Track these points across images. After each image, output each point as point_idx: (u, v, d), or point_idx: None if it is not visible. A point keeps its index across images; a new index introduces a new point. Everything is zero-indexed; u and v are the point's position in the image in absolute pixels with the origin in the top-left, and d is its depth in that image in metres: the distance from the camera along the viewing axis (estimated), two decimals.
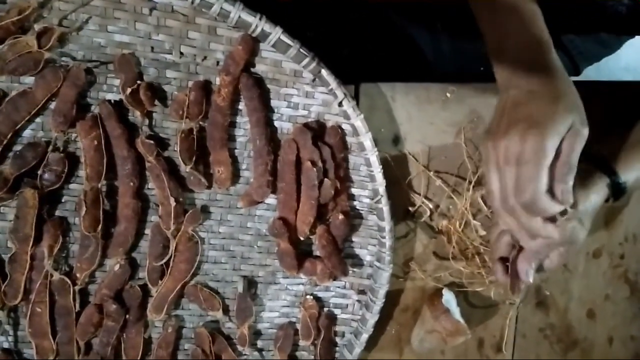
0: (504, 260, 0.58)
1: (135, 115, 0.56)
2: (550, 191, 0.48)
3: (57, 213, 0.58)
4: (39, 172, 0.55)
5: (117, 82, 0.55)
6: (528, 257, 0.55)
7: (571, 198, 0.49)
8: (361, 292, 0.67)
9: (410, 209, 0.66)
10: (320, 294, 0.66)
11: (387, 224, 0.61)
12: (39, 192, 0.55)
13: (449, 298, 0.67)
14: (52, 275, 0.58)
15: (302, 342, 0.66)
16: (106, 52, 0.54)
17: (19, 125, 0.54)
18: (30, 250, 0.56)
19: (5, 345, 0.60)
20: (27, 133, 0.55)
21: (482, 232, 0.66)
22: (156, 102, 0.56)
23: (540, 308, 0.74)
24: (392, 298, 0.68)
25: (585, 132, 0.48)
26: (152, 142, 0.56)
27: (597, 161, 0.57)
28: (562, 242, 0.52)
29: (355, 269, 0.66)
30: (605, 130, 0.69)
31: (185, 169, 0.57)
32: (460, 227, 0.66)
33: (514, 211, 0.50)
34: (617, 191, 0.57)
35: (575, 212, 0.52)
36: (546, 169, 0.47)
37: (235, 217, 0.62)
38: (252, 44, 0.55)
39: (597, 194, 0.56)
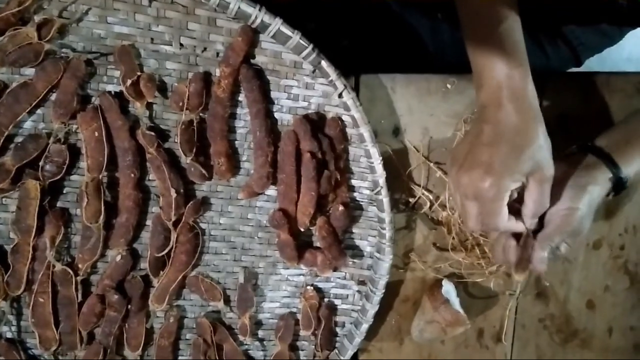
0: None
1: (136, 107, 0.56)
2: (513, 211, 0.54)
3: (59, 204, 0.58)
4: (41, 163, 0.55)
5: (117, 73, 0.55)
6: (542, 245, 0.55)
7: (534, 224, 0.55)
8: (361, 282, 0.67)
9: (410, 200, 0.66)
10: (320, 285, 0.67)
11: (387, 216, 0.61)
12: (40, 184, 0.55)
13: (448, 289, 0.67)
14: (54, 266, 0.58)
15: (302, 332, 0.67)
16: (106, 44, 0.54)
17: (20, 117, 0.54)
18: (33, 241, 0.57)
19: (9, 335, 0.60)
20: (28, 124, 0.55)
21: None
22: (156, 93, 0.56)
23: (540, 299, 0.74)
24: (392, 289, 0.69)
25: (548, 173, 0.52)
26: (152, 133, 0.56)
27: (600, 154, 0.57)
28: (572, 232, 0.55)
29: (355, 260, 0.66)
30: (607, 122, 0.69)
31: (185, 160, 0.58)
32: (460, 218, 0.66)
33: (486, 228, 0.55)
34: (619, 185, 0.57)
35: (580, 203, 0.54)
36: (504, 206, 0.52)
37: (236, 209, 0.62)
38: (252, 35, 0.55)
39: (599, 187, 0.56)
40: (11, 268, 0.57)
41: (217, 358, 0.65)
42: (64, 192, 0.58)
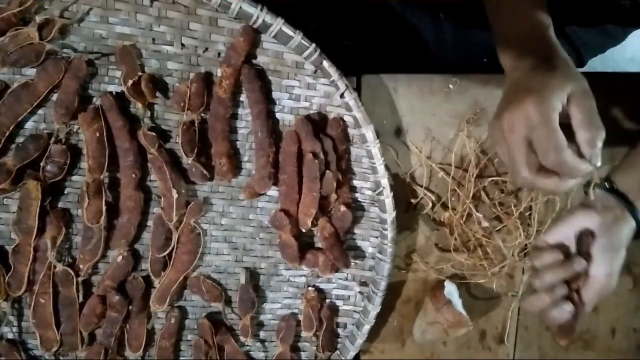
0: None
1: (137, 107, 0.56)
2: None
3: (60, 205, 0.58)
4: (42, 163, 0.55)
5: (118, 73, 0.55)
6: (586, 309, 0.54)
7: (599, 155, 0.46)
8: (363, 283, 0.67)
9: (412, 200, 0.66)
10: (322, 286, 0.67)
11: (389, 216, 0.61)
12: (41, 184, 0.55)
13: (451, 290, 0.67)
14: (55, 267, 0.58)
15: (304, 333, 0.66)
16: (107, 44, 0.54)
17: (21, 117, 0.54)
18: (34, 242, 0.57)
19: (10, 336, 0.60)
20: (29, 125, 0.55)
21: (485, 224, 0.65)
22: (157, 93, 0.56)
23: None
24: (394, 289, 0.68)
25: (586, 85, 0.47)
26: (154, 134, 0.56)
27: (626, 202, 0.54)
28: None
29: (357, 261, 0.66)
30: (613, 122, 0.68)
31: (187, 161, 0.57)
32: (462, 219, 0.65)
33: (533, 183, 0.49)
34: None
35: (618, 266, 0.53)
36: (557, 125, 0.46)
37: (237, 209, 0.62)
38: (254, 35, 0.55)
39: (629, 241, 0.54)
40: (12, 269, 0.57)
41: (218, 359, 0.65)
42: (65, 192, 0.58)
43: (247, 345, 0.67)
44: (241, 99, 0.59)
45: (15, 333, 0.60)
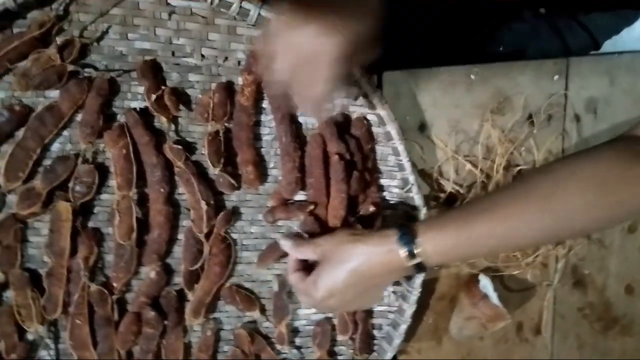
0: None
1: (161, 122, 0.56)
2: None
3: (90, 224, 0.58)
4: (70, 184, 0.55)
5: (141, 89, 0.55)
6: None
7: None
8: (396, 283, 0.66)
9: (440, 195, 0.65)
10: None
11: (419, 213, 0.60)
12: (71, 205, 0.55)
13: (485, 283, 0.66)
14: (89, 287, 0.58)
15: (339, 337, 0.66)
16: (128, 60, 0.54)
17: (47, 140, 0.54)
18: (67, 263, 0.56)
19: (48, 358, 0.60)
20: (55, 147, 0.55)
21: None
22: (181, 106, 0.56)
23: (578, 287, 0.73)
24: (428, 287, 0.68)
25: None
26: (179, 147, 0.56)
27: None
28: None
29: None
30: (635, 101, 0.68)
31: (213, 171, 0.57)
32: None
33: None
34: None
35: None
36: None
37: None
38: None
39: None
40: (47, 292, 0.57)
41: None
42: (95, 211, 0.57)
43: (284, 353, 0.66)
44: (263, 105, 0.58)
45: (52, 356, 0.60)
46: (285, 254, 0.60)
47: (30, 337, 0.58)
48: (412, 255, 0.49)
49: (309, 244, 0.55)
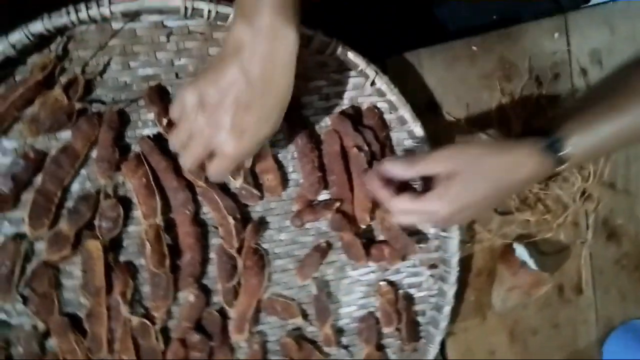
0: None
1: None
2: None
3: (122, 258, 0.57)
4: (96, 222, 0.54)
5: (150, 116, 0.54)
6: None
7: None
8: (432, 266, 0.66)
9: None
10: (392, 278, 0.66)
11: None
12: (100, 242, 0.54)
13: (521, 251, 0.66)
14: (130, 321, 0.57)
15: (385, 330, 0.65)
16: (133, 89, 0.54)
17: (66, 181, 0.53)
18: (105, 301, 0.56)
19: None
20: (75, 187, 0.55)
21: None
22: None
23: (612, 240, 0.72)
24: (464, 264, 0.67)
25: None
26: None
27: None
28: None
29: (421, 245, 0.64)
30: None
31: (235, 185, 0.57)
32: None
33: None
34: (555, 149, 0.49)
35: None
36: None
37: None
38: None
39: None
40: (89, 333, 0.57)
41: None
42: (124, 245, 0.57)
43: (333, 354, 0.66)
44: None
45: None
46: (324, 259, 0.60)
47: None
48: (560, 162, 0.49)
49: (433, 159, 0.49)
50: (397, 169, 0.51)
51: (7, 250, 0.53)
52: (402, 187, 0.53)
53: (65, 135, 0.53)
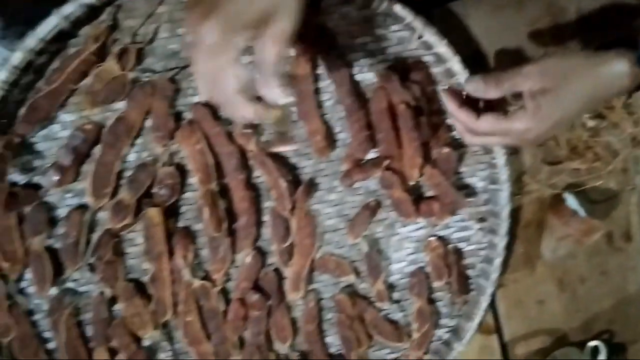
0: None
1: None
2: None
3: (180, 224, 0.59)
4: (154, 190, 0.56)
5: None
6: None
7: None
8: (481, 219, 0.66)
9: None
10: (441, 233, 0.66)
11: None
12: (160, 209, 0.56)
13: (571, 200, 0.65)
14: (192, 283, 0.59)
15: (436, 284, 0.66)
16: (183, 56, 0.54)
17: (124, 151, 0.55)
18: (167, 266, 0.58)
19: None
20: (132, 157, 0.56)
21: (591, 124, 0.63)
22: None
23: None
24: (513, 217, 0.67)
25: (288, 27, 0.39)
26: (249, 130, 0.56)
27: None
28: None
29: (470, 199, 0.65)
30: None
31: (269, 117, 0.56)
32: None
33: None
34: None
35: None
36: (234, 66, 0.40)
37: None
38: (317, 2, 0.54)
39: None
40: (154, 297, 0.59)
41: (362, 329, 0.66)
42: (182, 211, 0.59)
43: (385, 310, 0.67)
44: (318, 71, 0.58)
45: (171, 357, 0.62)
46: (373, 217, 0.61)
47: (147, 343, 0.61)
48: None
49: (523, 75, 0.47)
50: (482, 87, 0.48)
51: (71, 222, 0.55)
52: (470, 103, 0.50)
53: (120, 106, 0.54)
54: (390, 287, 0.67)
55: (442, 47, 0.56)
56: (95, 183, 0.54)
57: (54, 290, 0.57)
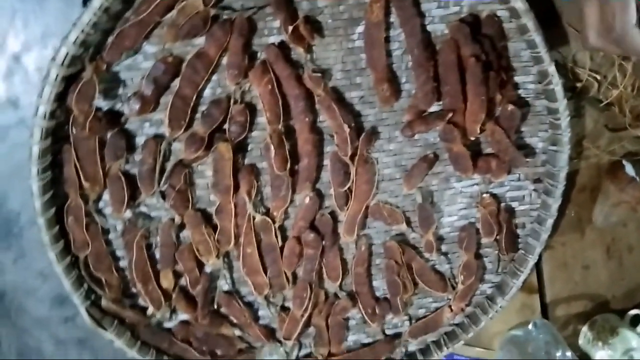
0: None
1: (297, 52, 0.58)
2: None
3: (246, 161, 0.62)
4: (226, 126, 0.59)
5: (275, 24, 0.57)
6: None
7: None
8: (537, 180, 0.67)
9: (577, 85, 0.63)
10: (495, 191, 0.67)
11: (560, 104, 0.60)
12: (230, 144, 0.59)
13: (629, 168, 0.65)
14: (254, 218, 0.63)
15: (484, 240, 0.68)
16: None
17: (200, 86, 0.57)
18: (233, 199, 0.62)
19: (225, 287, 0.67)
20: (207, 92, 0.59)
21: None
22: (314, 34, 0.57)
23: None
24: (569, 180, 0.67)
25: None
26: (319, 74, 0.58)
27: None
28: None
29: (528, 159, 0.65)
30: None
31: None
32: (633, 91, 0.63)
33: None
34: None
35: None
36: None
37: None
38: None
39: None
40: (218, 227, 0.63)
41: (409, 276, 0.68)
42: (249, 149, 0.62)
43: (432, 260, 0.69)
44: (390, 20, 0.59)
45: (229, 284, 0.67)
46: (430, 169, 0.62)
47: (208, 269, 0.65)
48: None
49: None
50: None
51: (148, 149, 0.59)
52: None
53: (198, 42, 0.56)
54: (440, 239, 0.69)
55: (517, 3, 0.55)
56: (172, 114, 0.57)
57: (128, 213, 0.61)
